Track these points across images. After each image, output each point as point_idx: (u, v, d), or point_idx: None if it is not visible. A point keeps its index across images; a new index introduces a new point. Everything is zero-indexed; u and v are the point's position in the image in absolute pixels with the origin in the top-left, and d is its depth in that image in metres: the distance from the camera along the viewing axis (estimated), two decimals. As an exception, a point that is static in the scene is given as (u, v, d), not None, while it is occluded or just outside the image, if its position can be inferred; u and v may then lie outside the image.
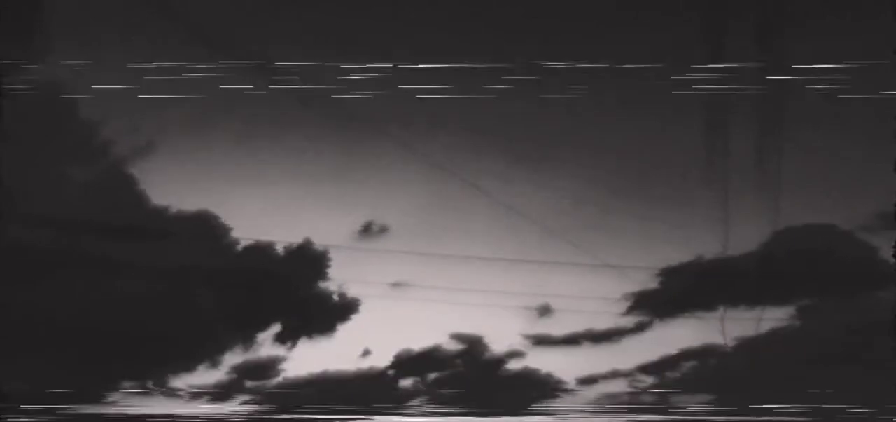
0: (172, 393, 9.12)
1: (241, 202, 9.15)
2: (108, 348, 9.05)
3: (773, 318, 8.76)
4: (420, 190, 9.11)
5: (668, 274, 8.91)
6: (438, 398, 8.98)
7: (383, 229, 9.18)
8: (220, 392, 9.17)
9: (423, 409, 8.99)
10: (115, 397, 9.13)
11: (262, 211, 9.16)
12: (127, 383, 9.18)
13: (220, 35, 9.02)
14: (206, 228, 9.16)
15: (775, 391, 8.40)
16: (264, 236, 9.17)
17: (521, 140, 9.06)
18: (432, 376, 9.12)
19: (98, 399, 9.16)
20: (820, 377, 8.35)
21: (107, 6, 9.11)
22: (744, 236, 8.74)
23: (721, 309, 8.81)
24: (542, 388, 8.96)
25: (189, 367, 9.24)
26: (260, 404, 9.08)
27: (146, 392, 9.14)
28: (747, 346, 8.77)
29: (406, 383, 9.13)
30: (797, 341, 8.64)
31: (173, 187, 9.10)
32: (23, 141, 8.94)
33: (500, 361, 9.10)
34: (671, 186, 8.92)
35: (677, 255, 8.84)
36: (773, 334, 8.74)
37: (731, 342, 8.81)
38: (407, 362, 9.16)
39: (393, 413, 8.94)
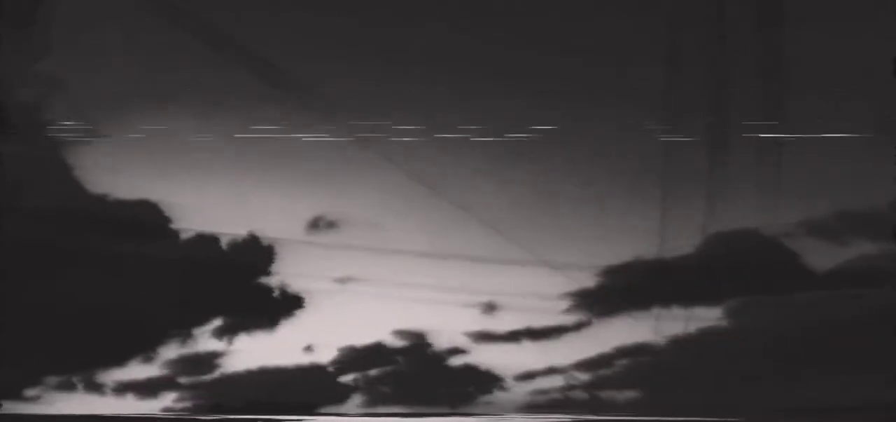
0: (98, 389, 8.80)
1: (184, 192, 8.88)
2: (33, 342, 8.63)
3: (704, 317, 9.32)
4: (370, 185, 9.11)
5: (607, 273, 9.29)
6: (379, 395, 9.07)
7: (332, 224, 9.12)
8: (152, 388, 8.92)
9: (363, 408, 9.07)
10: (36, 394, 8.73)
11: (206, 201, 8.91)
12: (51, 379, 8.79)
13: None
14: (147, 217, 8.85)
15: (704, 390, 8.99)
16: (208, 227, 8.94)
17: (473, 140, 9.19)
18: (373, 372, 9.18)
19: (17, 397, 8.73)
20: (746, 377, 9.01)
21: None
22: (679, 239, 9.22)
23: (656, 308, 9.28)
24: (481, 384, 9.20)
25: (120, 362, 8.93)
26: (194, 400, 8.89)
27: (71, 389, 8.78)
28: (679, 344, 9.29)
29: (347, 379, 9.16)
30: (726, 340, 9.24)
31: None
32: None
33: (442, 357, 9.26)
34: (614, 187, 9.28)
35: (616, 255, 9.24)
36: (704, 334, 9.30)
37: (663, 341, 9.31)
38: (349, 358, 9.17)
39: (332, 414, 8.96)
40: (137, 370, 8.99)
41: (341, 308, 9.13)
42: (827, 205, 8.96)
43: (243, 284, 9.07)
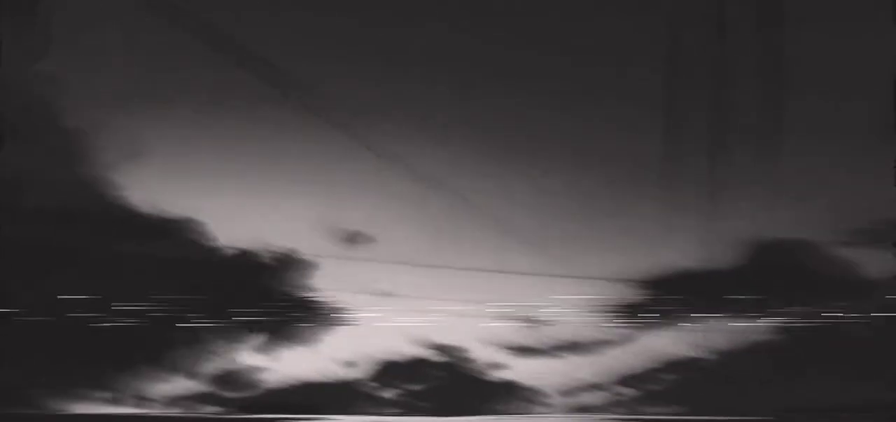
0: (146, 403, 8.96)
1: (226, 208, 9.01)
2: (78, 353, 8.84)
3: (749, 329, 9.01)
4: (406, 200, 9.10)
5: (648, 285, 9.07)
6: (419, 410, 9.02)
7: (365, 238, 9.14)
8: (196, 403, 9.05)
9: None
10: (83, 405, 8.94)
11: (248, 218, 9.03)
12: (98, 392, 8.99)
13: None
14: (190, 233, 9.00)
15: (748, 402, 8.69)
16: (249, 243, 9.05)
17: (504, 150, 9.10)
18: (414, 387, 9.14)
19: (64, 408, 8.95)
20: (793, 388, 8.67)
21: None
22: (721, 248, 8.95)
23: (701, 320, 9.02)
24: (524, 399, 9.07)
25: (165, 376, 9.09)
26: (237, 414, 8.98)
27: (117, 400, 8.96)
28: (726, 357, 9.00)
29: (388, 394, 9.14)
30: (775, 352, 8.91)
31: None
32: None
33: (482, 371, 9.17)
34: (650, 197, 9.07)
35: (657, 266, 9.02)
36: (753, 346, 8.99)
37: (709, 354, 9.03)
38: (389, 373, 9.16)
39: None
40: (182, 385, 9.14)
41: (379, 323, 9.13)
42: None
43: (281, 297, 9.15)
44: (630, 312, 9.09)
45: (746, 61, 8.83)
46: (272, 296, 9.12)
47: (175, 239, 8.94)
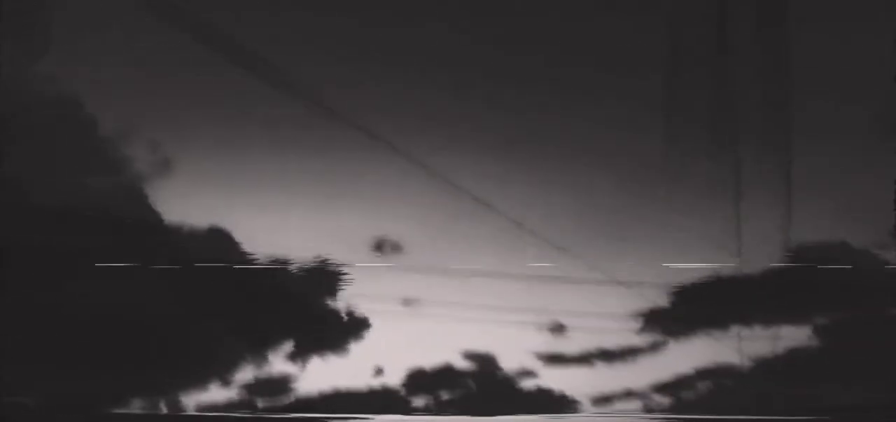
0: (182, 413, 9.07)
1: (250, 218, 9.06)
2: (116, 364, 9.00)
3: (791, 337, 8.67)
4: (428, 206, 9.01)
5: (681, 291, 8.80)
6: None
7: (393, 245, 9.08)
8: (230, 411, 9.12)
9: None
10: (123, 416, 9.09)
11: (273, 227, 9.06)
12: (136, 401, 9.13)
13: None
14: (219, 244, 9.08)
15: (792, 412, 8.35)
16: (276, 253, 9.08)
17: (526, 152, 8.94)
18: (445, 395, 9.05)
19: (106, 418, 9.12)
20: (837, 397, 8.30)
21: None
22: (757, 252, 8.64)
23: (736, 327, 8.72)
24: (557, 408, 8.89)
25: (200, 385, 9.19)
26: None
27: (156, 411, 9.09)
28: (765, 365, 8.68)
29: (418, 402, 9.07)
30: (817, 360, 8.56)
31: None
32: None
33: (513, 379, 9.03)
34: (681, 200, 8.80)
35: (690, 271, 8.74)
36: (792, 354, 8.65)
37: (748, 362, 8.72)
38: (419, 381, 9.09)
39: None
40: (216, 393, 9.23)
41: (408, 330, 9.07)
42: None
43: (310, 307, 9.17)
44: (662, 318, 8.84)
45: (750, 63, 8.53)
46: (300, 305, 9.14)
47: (203, 249, 9.04)
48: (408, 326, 9.04)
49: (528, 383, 9.00)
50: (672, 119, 8.73)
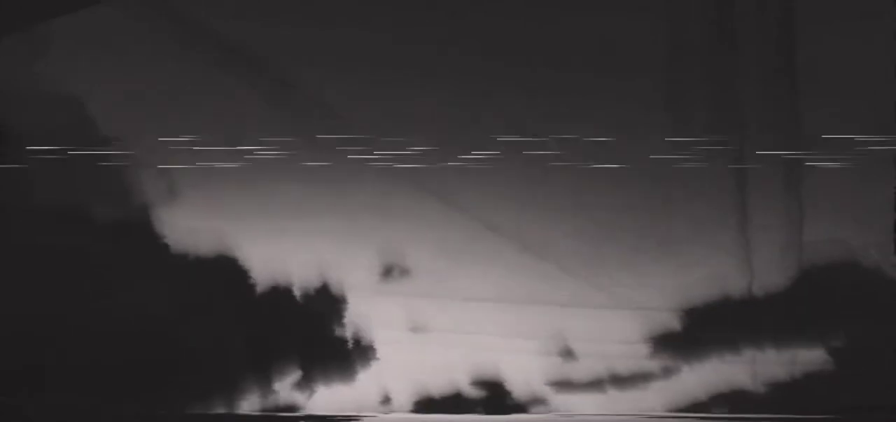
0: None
1: (254, 242, 8.99)
2: (117, 390, 8.93)
3: (806, 360, 8.46)
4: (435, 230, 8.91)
5: (691, 313, 8.63)
6: (458, 443, 8.78)
7: (401, 271, 8.98)
8: (238, 440, 9.01)
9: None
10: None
11: (278, 253, 8.99)
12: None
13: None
14: (223, 268, 9.03)
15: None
16: (281, 279, 9.00)
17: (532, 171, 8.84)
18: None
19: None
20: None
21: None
22: (768, 271, 8.46)
23: (749, 351, 8.52)
24: (566, 434, 8.72)
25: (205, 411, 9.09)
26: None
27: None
28: (780, 389, 8.46)
29: (427, 430, 8.93)
30: (834, 384, 8.34)
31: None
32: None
33: (523, 406, 8.85)
34: (680, 215, 8.65)
35: (699, 293, 8.57)
36: (809, 377, 8.43)
37: (762, 387, 8.51)
38: (427, 409, 8.94)
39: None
40: (223, 422, 9.12)
41: (414, 357, 8.94)
42: None
43: (316, 334, 9.06)
44: (675, 342, 8.65)
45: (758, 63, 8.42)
46: (306, 332, 9.04)
47: (207, 275, 8.99)
48: (415, 352, 8.92)
49: (538, 410, 8.82)
50: (680, 139, 8.62)
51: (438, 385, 8.92)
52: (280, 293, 9.05)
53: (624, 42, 8.61)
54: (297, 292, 9.02)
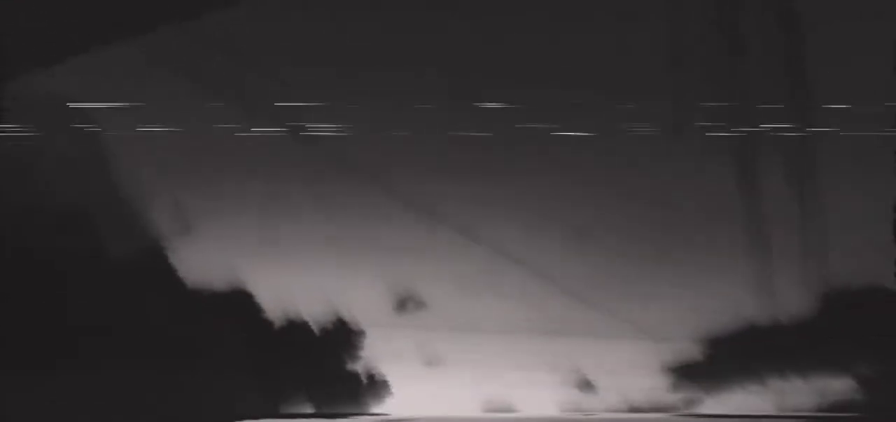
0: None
1: (270, 276, 8.91)
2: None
3: (834, 390, 8.13)
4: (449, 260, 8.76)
5: (712, 342, 8.35)
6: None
7: (415, 303, 8.83)
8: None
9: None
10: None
11: (290, 285, 8.90)
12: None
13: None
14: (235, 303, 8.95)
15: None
16: (293, 312, 8.90)
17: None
18: (470, 457, 8.70)
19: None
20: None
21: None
22: (790, 297, 8.16)
23: (773, 380, 8.21)
24: (585, 469, 8.46)
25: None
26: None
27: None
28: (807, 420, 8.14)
29: (444, 465, 8.73)
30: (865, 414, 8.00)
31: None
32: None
33: (539, 440, 8.62)
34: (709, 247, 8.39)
35: (719, 320, 8.29)
36: (836, 407, 8.10)
37: (789, 417, 8.19)
38: (443, 443, 8.75)
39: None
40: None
41: (428, 390, 8.76)
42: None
43: (329, 367, 8.93)
44: (694, 371, 8.37)
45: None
46: (321, 366, 8.92)
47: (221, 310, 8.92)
48: (430, 383, 8.75)
49: (556, 444, 8.60)
50: (700, 164, 8.39)
51: (453, 416, 8.73)
52: (294, 327, 8.94)
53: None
54: (311, 325, 8.91)
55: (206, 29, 9.08)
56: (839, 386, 8.06)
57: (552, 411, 8.55)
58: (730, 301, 8.24)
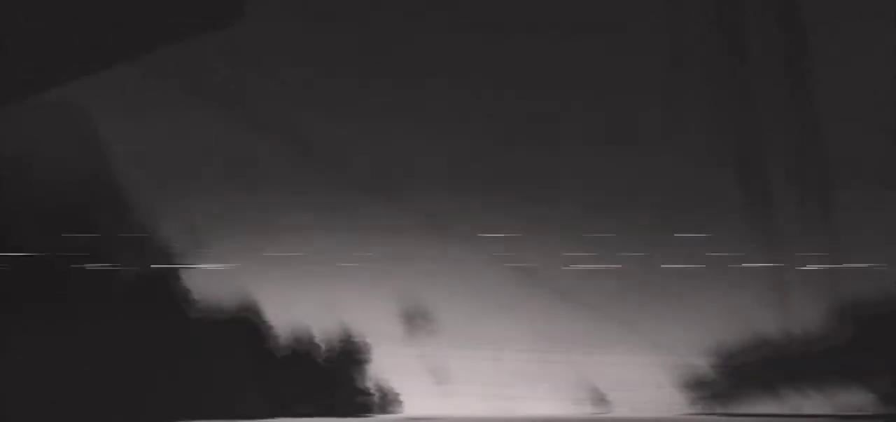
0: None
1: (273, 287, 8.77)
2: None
3: (852, 405, 8.08)
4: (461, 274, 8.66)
5: (728, 356, 8.28)
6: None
7: (425, 318, 8.71)
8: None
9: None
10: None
11: (297, 298, 8.77)
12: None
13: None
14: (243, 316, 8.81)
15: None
16: (300, 326, 8.77)
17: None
18: (480, 474, 8.58)
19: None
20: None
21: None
22: (805, 310, 8.11)
23: (791, 395, 8.15)
24: (596, 486, 8.36)
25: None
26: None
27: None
28: (823, 435, 8.08)
29: (454, 484, 8.61)
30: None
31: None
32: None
33: (552, 457, 8.51)
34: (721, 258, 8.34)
35: (735, 334, 8.22)
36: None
37: (803, 432, 8.14)
38: (453, 460, 8.63)
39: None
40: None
41: (438, 406, 8.63)
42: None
43: (337, 383, 8.80)
44: (711, 387, 8.30)
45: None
46: (329, 383, 8.79)
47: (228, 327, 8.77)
48: (440, 400, 8.63)
49: (570, 460, 8.49)
50: (712, 177, 8.34)
51: (465, 436, 8.62)
52: (299, 340, 8.81)
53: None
54: (319, 343, 8.77)
55: (210, 39, 8.97)
56: (858, 401, 8.00)
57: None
58: (744, 315, 8.18)
